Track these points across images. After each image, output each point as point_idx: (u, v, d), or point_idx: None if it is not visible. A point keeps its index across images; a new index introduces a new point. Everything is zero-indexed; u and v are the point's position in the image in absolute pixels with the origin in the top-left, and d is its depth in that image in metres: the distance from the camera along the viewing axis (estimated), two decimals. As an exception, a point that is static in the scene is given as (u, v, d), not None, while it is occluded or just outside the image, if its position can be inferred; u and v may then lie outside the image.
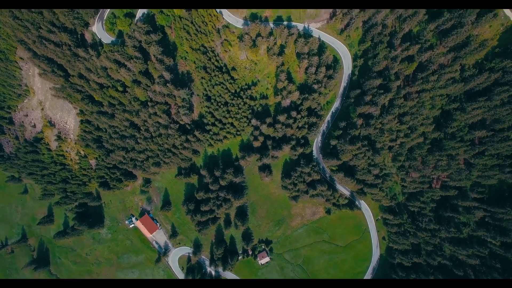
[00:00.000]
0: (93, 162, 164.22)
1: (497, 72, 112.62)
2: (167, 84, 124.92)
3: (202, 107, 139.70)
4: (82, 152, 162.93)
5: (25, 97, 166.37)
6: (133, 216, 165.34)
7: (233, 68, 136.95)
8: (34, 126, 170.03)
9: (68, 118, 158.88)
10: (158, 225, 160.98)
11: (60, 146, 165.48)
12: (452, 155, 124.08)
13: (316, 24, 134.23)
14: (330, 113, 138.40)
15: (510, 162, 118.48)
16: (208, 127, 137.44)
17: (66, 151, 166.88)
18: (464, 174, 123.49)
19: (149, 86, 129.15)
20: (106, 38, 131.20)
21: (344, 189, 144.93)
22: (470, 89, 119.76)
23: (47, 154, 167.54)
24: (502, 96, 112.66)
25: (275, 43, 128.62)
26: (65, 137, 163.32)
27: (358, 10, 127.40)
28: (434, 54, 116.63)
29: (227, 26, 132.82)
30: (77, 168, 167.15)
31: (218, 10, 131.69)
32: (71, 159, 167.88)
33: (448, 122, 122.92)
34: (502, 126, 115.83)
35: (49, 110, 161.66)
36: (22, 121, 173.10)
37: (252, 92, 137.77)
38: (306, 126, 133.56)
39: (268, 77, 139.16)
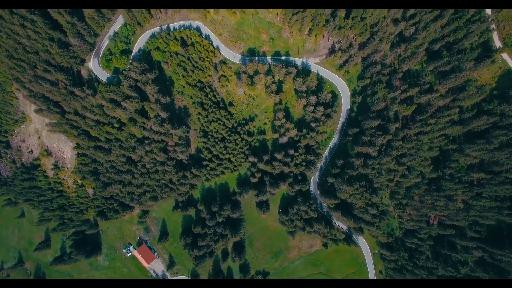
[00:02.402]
0: (90, 191, 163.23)
1: (495, 115, 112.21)
2: (164, 124, 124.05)
3: (199, 142, 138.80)
4: (79, 181, 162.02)
5: (22, 123, 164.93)
6: (131, 244, 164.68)
7: (231, 103, 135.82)
8: (31, 151, 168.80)
9: (65, 148, 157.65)
10: (155, 255, 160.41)
11: (57, 174, 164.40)
12: (450, 195, 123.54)
13: (314, 59, 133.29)
14: (328, 149, 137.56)
15: (509, 204, 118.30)
16: (205, 163, 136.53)
17: (63, 179, 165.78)
18: (462, 215, 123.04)
19: (145, 123, 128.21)
20: (102, 74, 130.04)
21: (341, 224, 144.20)
22: (469, 130, 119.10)
23: (44, 180, 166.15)
24: (501, 139, 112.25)
25: (273, 82, 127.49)
26: (62, 166, 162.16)
27: (357, 48, 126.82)
28: (433, 97, 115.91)
29: (224, 61, 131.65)
30: (74, 196, 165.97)
31: (215, 45, 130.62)
32: (68, 187, 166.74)
33: (447, 162, 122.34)
34: (500, 168, 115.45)
35: (45, 139, 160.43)
36: (19, 146, 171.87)
37: (249, 128, 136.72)
38: (304, 163, 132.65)
39: (265, 111, 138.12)
